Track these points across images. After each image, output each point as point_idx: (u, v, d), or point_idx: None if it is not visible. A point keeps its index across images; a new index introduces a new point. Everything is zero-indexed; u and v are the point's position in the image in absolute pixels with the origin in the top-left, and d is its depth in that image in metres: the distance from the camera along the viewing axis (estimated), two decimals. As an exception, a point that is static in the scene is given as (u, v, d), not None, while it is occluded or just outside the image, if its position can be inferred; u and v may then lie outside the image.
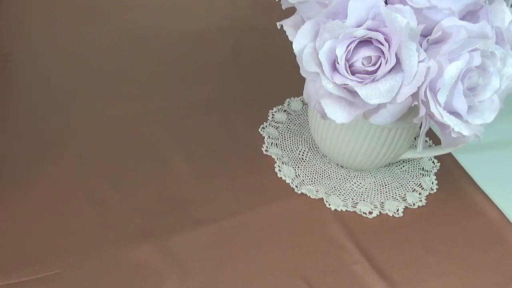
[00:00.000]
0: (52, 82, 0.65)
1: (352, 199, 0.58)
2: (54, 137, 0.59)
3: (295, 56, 0.49)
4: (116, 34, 0.71)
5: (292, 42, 0.49)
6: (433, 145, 0.65)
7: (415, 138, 0.61)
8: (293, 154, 0.61)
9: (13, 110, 0.61)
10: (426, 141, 0.65)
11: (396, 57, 0.47)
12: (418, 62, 0.47)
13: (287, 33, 0.50)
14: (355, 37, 0.47)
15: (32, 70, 0.66)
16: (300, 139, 0.63)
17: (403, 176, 0.61)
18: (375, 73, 0.47)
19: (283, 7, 0.52)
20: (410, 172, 0.62)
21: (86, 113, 0.62)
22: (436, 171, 0.62)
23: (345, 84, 0.48)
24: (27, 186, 0.54)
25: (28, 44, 0.69)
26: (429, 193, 0.60)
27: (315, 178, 0.59)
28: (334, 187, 0.59)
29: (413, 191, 0.60)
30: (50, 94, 0.63)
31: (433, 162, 0.63)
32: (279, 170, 0.59)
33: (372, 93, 0.47)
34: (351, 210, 0.57)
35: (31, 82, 0.64)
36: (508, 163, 0.63)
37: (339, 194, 0.58)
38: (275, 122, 0.64)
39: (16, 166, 0.56)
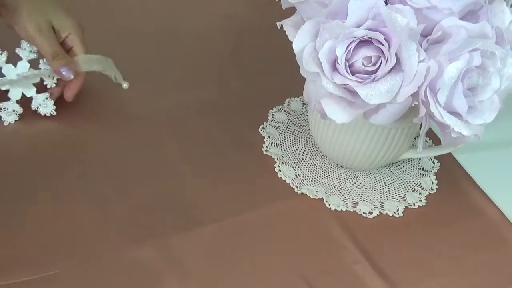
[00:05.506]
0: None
1: (352, 199, 0.58)
2: (53, 137, 0.59)
3: (295, 56, 0.49)
4: (115, 34, 0.71)
5: (292, 42, 0.49)
6: (433, 145, 0.64)
7: (415, 138, 0.61)
8: (293, 154, 0.61)
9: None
10: (426, 141, 0.65)
11: (396, 57, 0.47)
12: (418, 62, 0.47)
13: (287, 33, 0.50)
14: (355, 37, 0.47)
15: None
16: (300, 139, 0.63)
17: (403, 176, 0.61)
18: (375, 73, 0.47)
19: (283, 7, 0.52)
20: (410, 172, 0.62)
21: (85, 113, 0.62)
22: (436, 171, 0.62)
23: (345, 84, 0.48)
24: (27, 186, 0.54)
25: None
26: (429, 193, 0.60)
27: (315, 178, 0.59)
28: (334, 187, 0.59)
29: (413, 191, 0.60)
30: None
31: (433, 162, 0.63)
32: (279, 170, 0.59)
33: (372, 93, 0.47)
34: (351, 210, 0.57)
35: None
36: (508, 163, 0.63)
37: (339, 194, 0.58)
38: (275, 122, 0.64)
39: (16, 166, 0.56)
